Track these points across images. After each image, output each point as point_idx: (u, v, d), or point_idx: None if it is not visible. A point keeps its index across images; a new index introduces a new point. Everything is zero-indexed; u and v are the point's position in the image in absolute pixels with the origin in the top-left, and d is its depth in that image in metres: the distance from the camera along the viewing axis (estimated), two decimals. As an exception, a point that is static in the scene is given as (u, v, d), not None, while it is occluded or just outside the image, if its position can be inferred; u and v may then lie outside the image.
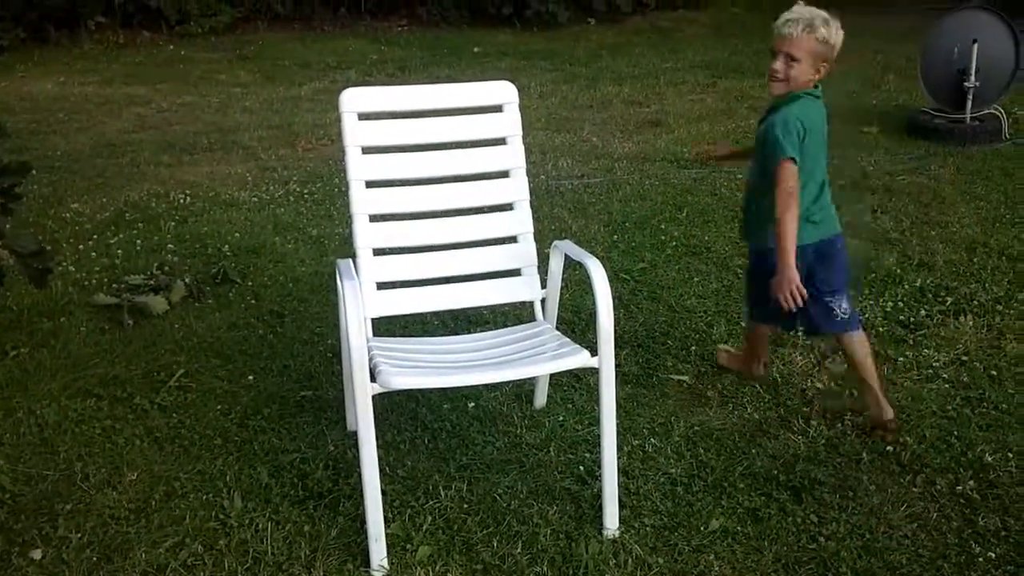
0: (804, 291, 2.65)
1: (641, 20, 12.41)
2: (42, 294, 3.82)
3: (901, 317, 3.62)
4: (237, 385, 3.20)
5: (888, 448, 2.76)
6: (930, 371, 3.21)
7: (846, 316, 2.83)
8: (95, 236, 4.68)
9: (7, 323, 3.68)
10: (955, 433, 2.83)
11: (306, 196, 5.34)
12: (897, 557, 2.31)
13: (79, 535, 2.43)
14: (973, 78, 6.05)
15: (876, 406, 2.85)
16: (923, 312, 3.65)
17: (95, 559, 2.34)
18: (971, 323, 3.55)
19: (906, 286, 3.89)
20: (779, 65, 2.67)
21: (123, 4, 11.22)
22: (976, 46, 5.99)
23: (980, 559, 2.29)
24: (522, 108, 2.80)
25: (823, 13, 2.65)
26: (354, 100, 2.67)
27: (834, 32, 2.65)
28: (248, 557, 2.34)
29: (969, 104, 6.14)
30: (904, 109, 6.98)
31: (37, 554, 2.36)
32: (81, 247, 4.52)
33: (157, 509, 2.54)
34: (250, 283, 4.08)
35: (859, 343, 2.88)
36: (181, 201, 5.27)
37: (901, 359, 3.30)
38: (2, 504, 2.57)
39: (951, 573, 2.25)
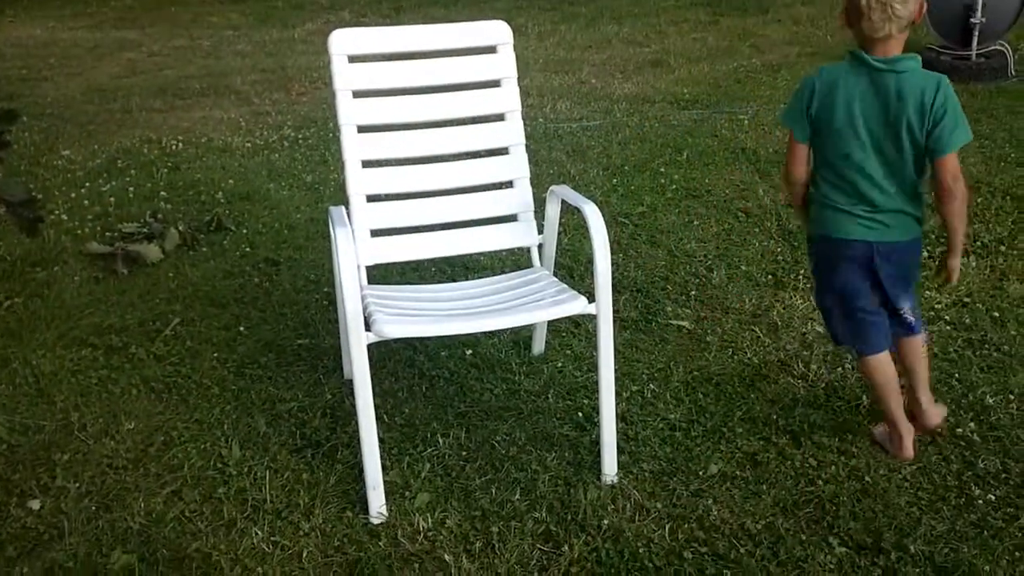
0: None
1: (641, -43, 12.14)
2: (35, 243, 3.79)
3: (903, 259, 3.58)
4: (233, 333, 3.18)
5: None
6: (932, 313, 3.19)
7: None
8: (87, 184, 4.63)
9: (0, 273, 3.66)
10: (956, 375, 2.82)
11: (300, 141, 5.27)
12: (896, 499, 2.30)
13: (77, 484, 2.43)
14: (979, 13, 5.94)
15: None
16: (924, 253, 3.59)
17: (94, 508, 2.34)
18: (974, 264, 3.52)
19: (908, 227, 3.83)
20: None
21: (111, -55, 10.99)
22: (983, -20, 5.88)
23: (979, 501, 2.29)
24: (519, 49, 2.73)
25: None
26: (344, 42, 2.60)
27: None
28: (247, 505, 2.33)
29: (975, 40, 6.04)
30: (908, 45, 6.84)
31: (36, 504, 2.36)
32: (73, 195, 4.47)
33: (155, 458, 2.53)
34: (245, 230, 4.04)
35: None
36: (174, 147, 5.20)
37: (902, 302, 3.26)
38: (0, 455, 2.56)
39: (950, 515, 2.24)
